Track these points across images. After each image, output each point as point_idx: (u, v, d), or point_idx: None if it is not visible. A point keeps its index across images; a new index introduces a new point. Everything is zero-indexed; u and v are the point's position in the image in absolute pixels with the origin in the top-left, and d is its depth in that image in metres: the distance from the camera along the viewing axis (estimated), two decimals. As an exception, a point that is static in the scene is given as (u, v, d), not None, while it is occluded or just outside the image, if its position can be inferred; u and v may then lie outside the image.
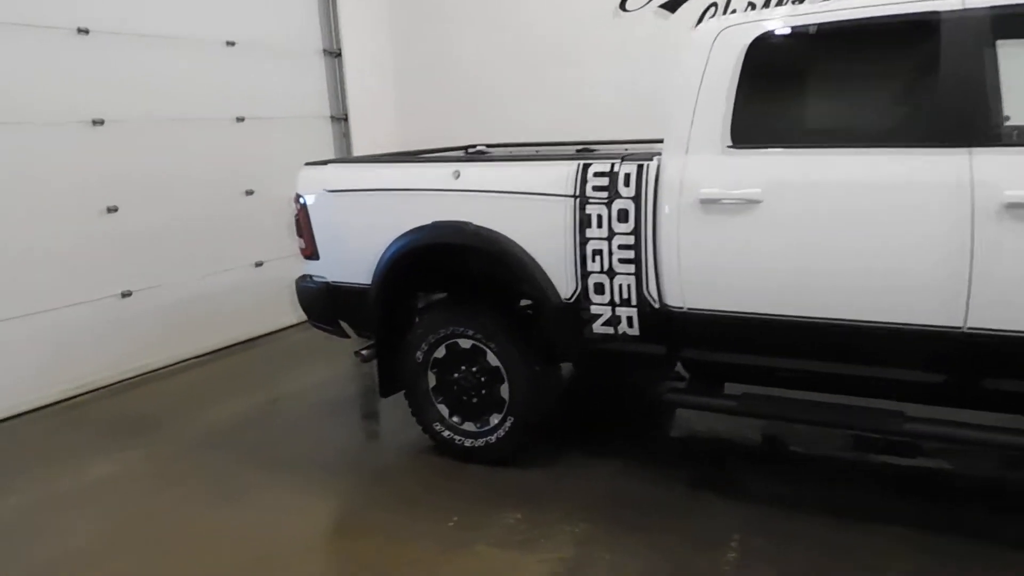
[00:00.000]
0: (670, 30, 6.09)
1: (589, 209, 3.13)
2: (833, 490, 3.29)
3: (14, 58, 4.64)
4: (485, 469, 3.60)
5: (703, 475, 3.49)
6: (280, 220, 6.40)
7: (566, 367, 3.92)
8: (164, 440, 4.21)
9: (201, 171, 5.80)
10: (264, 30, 6.24)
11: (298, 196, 3.96)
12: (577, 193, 3.14)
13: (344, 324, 4.02)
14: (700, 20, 5.97)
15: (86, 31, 5.01)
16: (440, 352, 3.66)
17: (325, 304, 3.96)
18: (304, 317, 4.24)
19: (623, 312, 3.17)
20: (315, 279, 4.00)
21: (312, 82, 6.77)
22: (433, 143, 7.27)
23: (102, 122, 5.13)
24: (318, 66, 6.79)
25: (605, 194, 3.10)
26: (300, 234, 3.98)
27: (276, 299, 6.40)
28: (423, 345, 3.66)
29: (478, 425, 3.63)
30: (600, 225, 3.12)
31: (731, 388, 3.25)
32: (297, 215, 3.96)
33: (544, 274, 3.26)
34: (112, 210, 5.22)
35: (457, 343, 3.59)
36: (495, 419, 3.57)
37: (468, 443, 3.64)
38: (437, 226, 3.47)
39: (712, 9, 5.91)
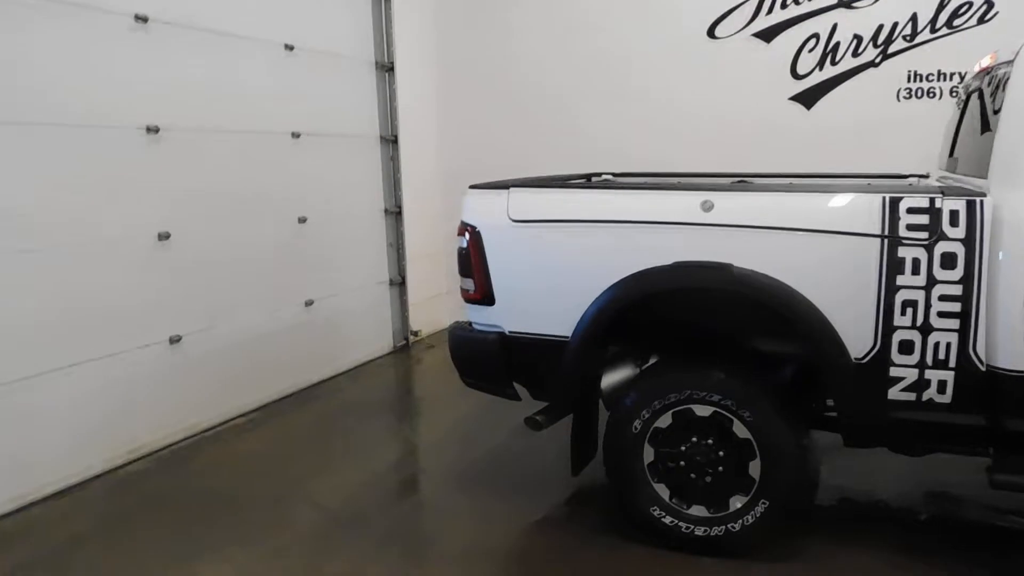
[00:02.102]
0: (766, 60, 5.72)
1: (902, 252, 2.61)
2: None
3: (58, 46, 3.74)
4: (723, 563, 2.96)
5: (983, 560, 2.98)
6: (331, 252, 5.62)
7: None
8: (273, 526, 3.36)
9: (256, 193, 4.96)
10: (322, 35, 5.49)
11: (467, 227, 3.26)
12: (886, 232, 2.62)
13: (519, 384, 3.32)
14: (799, 50, 5.64)
15: (144, 19, 4.15)
16: (664, 420, 3.02)
17: (497, 359, 3.25)
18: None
19: (934, 375, 2.64)
20: (483, 328, 3.29)
21: (364, 98, 6.02)
22: (490, 172, 6.66)
23: (157, 130, 4.25)
24: (369, 80, 6.05)
25: (925, 235, 2.59)
26: (467, 273, 3.28)
27: (327, 343, 5.59)
28: (644, 412, 3.01)
29: (712, 510, 3.00)
30: (917, 271, 2.60)
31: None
32: (466, 250, 3.26)
33: (831, 328, 2.71)
34: (164, 237, 4.32)
35: (691, 410, 2.97)
36: (738, 502, 2.95)
37: (700, 531, 2.99)
38: (683, 268, 2.85)
39: (813, 40, 5.59)
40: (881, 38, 5.41)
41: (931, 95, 5.33)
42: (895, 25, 5.36)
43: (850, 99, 5.53)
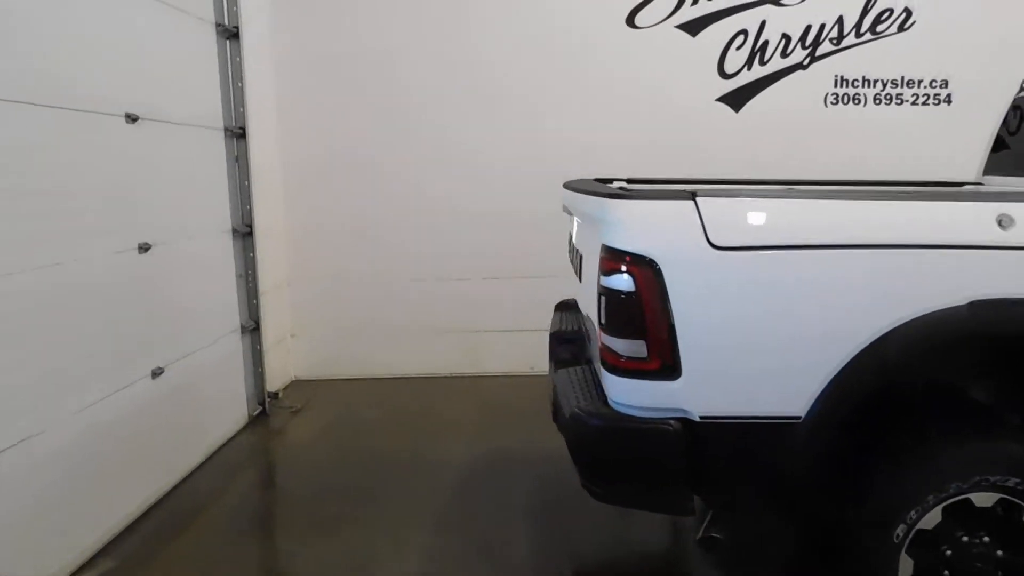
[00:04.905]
0: (692, 56, 5.15)
1: None
2: None
3: None
4: None
5: None
6: (181, 294, 3.85)
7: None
8: None
9: (83, 206, 3.09)
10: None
11: (631, 258, 2.07)
12: None
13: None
14: (727, 47, 5.16)
15: None
16: (931, 519, 2.15)
17: (677, 460, 2.11)
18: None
19: None
20: (652, 415, 2.12)
21: (205, 71, 4.25)
22: (349, 176, 5.23)
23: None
24: (209, 45, 4.29)
25: None
26: (633, 331, 2.08)
27: (180, 426, 3.85)
28: (912, 513, 2.12)
29: (986, 635, 2.21)
30: None
31: None
32: (632, 295, 2.06)
33: None
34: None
35: (970, 501, 2.14)
36: (1023, 621, 2.20)
37: (976, 669, 2.18)
38: (989, 309, 2.01)
39: (741, 37, 5.15)
40: (809, 39, 5.14)
41: (856, 101, 5.18)
42: (822, 27, 5.12)
43: (779, 102, 5.18)
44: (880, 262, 2.04)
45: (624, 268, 2.08)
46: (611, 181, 3.55)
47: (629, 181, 3.62)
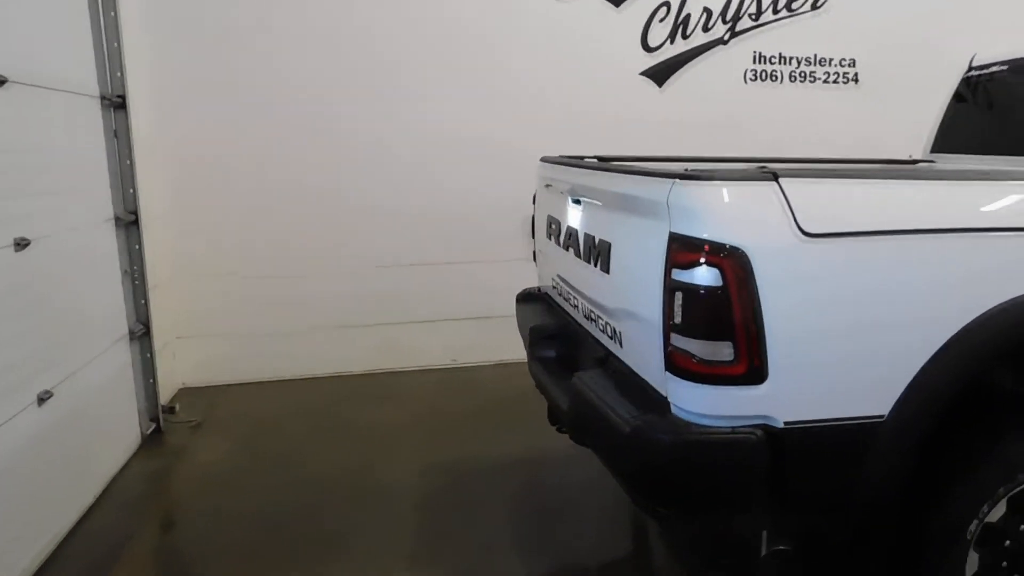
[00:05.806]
0: (615, 28, 4.94)
1: None
2: None
3: None
4: None
5: None
6: (65, 298, 3.17)
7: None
8: None
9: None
10: None
11: (714, 247, 1.79)
12: None
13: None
14: (650, 20, 5.00)
15: None
16: (997, 512, 2.06)
17: (758, 474, 1.87)
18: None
19: None
20: (731, 424, 1.86)
21: (75, 28, 3.47)
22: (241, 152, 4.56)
23: None
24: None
25: None
26: (715, 331, 1.81)
27: (72, 459, 3.15)
28: (984, 508, 2.02)
29: (1052, 621, 2.16)
30: None
31: None
32: (719, 290, 1.78)
33: None
34: None
35: (1033, 490, 2.08)
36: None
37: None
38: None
39: (664, 9, 4.99)
40: (729, 14, 5.07)
41: (774, 78, 5.20)
42: (742, 2, 5.07)
43: (701, 78, 5.10)
44: (973, 246, 1.90)
45: (704, 260, 1.80)
46: (582, 159, 3.25)
47: (599, 159, 3.33)
